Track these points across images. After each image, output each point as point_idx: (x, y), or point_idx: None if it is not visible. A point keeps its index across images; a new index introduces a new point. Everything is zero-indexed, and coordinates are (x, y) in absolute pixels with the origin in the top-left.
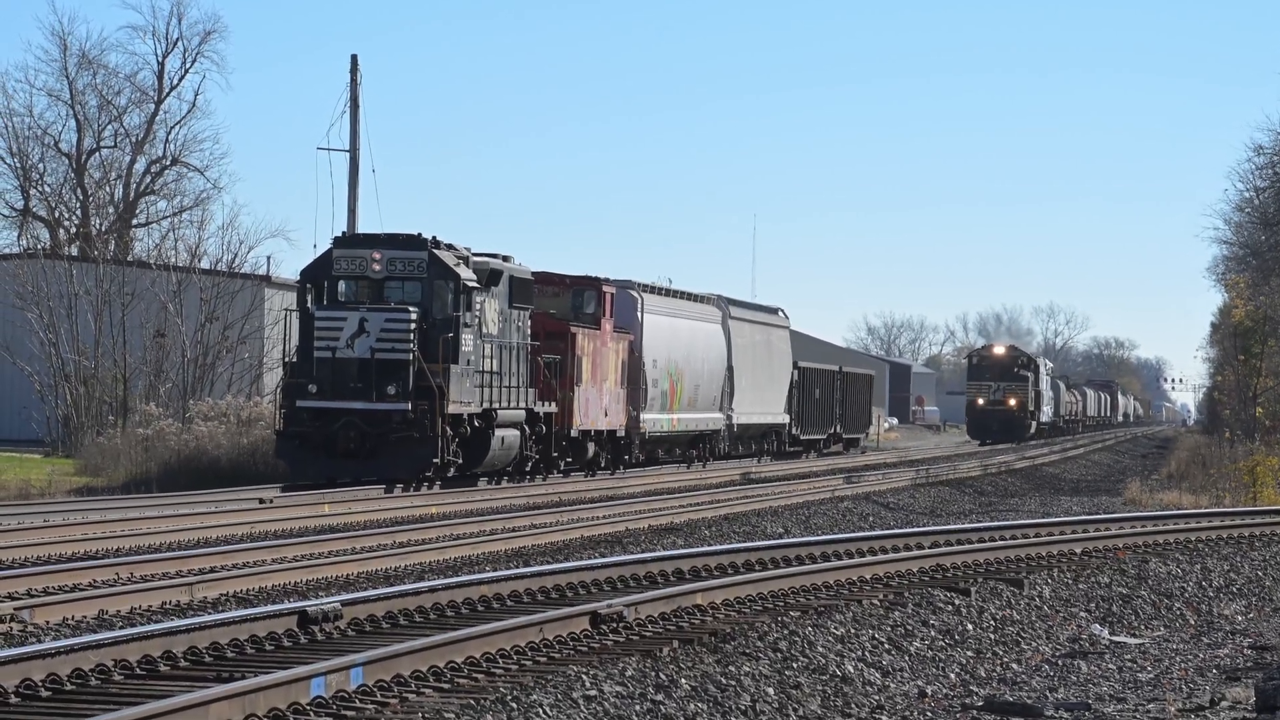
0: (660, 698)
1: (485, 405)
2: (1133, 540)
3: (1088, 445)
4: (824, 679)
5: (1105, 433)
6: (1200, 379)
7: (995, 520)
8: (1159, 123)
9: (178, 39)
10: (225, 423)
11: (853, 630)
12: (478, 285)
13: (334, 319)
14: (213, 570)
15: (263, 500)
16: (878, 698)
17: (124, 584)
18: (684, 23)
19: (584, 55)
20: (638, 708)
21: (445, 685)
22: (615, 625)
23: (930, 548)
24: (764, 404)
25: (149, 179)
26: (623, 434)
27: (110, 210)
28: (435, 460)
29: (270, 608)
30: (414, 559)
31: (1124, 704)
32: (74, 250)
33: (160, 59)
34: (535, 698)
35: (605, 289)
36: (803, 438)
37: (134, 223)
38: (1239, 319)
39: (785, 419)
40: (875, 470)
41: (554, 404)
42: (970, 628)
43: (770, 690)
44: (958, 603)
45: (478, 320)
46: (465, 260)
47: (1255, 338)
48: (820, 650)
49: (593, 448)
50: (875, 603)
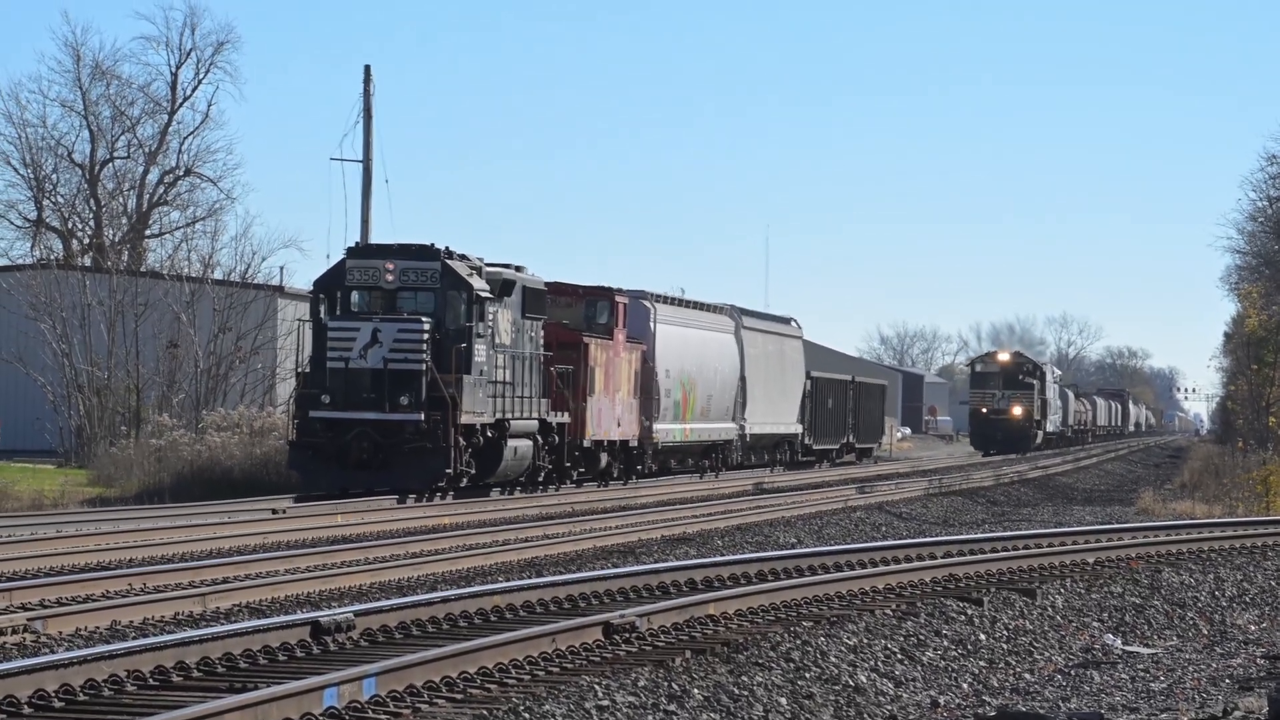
0: (673, 708)
1: (498, 415)
2: (1145, 550)
3: (1100, 455)
4: (837, 689)
5: (1118, 443)
6: (1213, 388)
7: (1008, 530)
8: (1172, 132)
9: (191, 50)
10: (238, 433)
11: (865, 640)
12: (490, 295)
13: (347, 329)
14: (225, 581)
15: (276, 511)
16: (890, 708)
17: (137, 594)
18: (698, 33)
19: (597, 65)
20: (650, 718)
21: (458, 695)
22: (628, 635)
23: (943, 558)
24: (777, 414)
25: (162, 189)
26: (635, 444)
27: (123, 221)
28: (448, 471)
29: (283, 618)
30: (427, 569)
31: (1137, 714)
32: (87, 261)
33: (173, 69)
34: (548, 708)
35: (618, 299)
36: (815, 448)
37: (147, 233)
38: (1252, 328)
39: (798, 429)
40: (888, 480)
41: (567, 414)
42: (983, 638)
43: (783, 700)
44: (970, 613)
45: (490, 330)
46: (478, 270)
47: (1268, 347)
48: (833, 660)
49: (605, 458)
50: (888, 613)
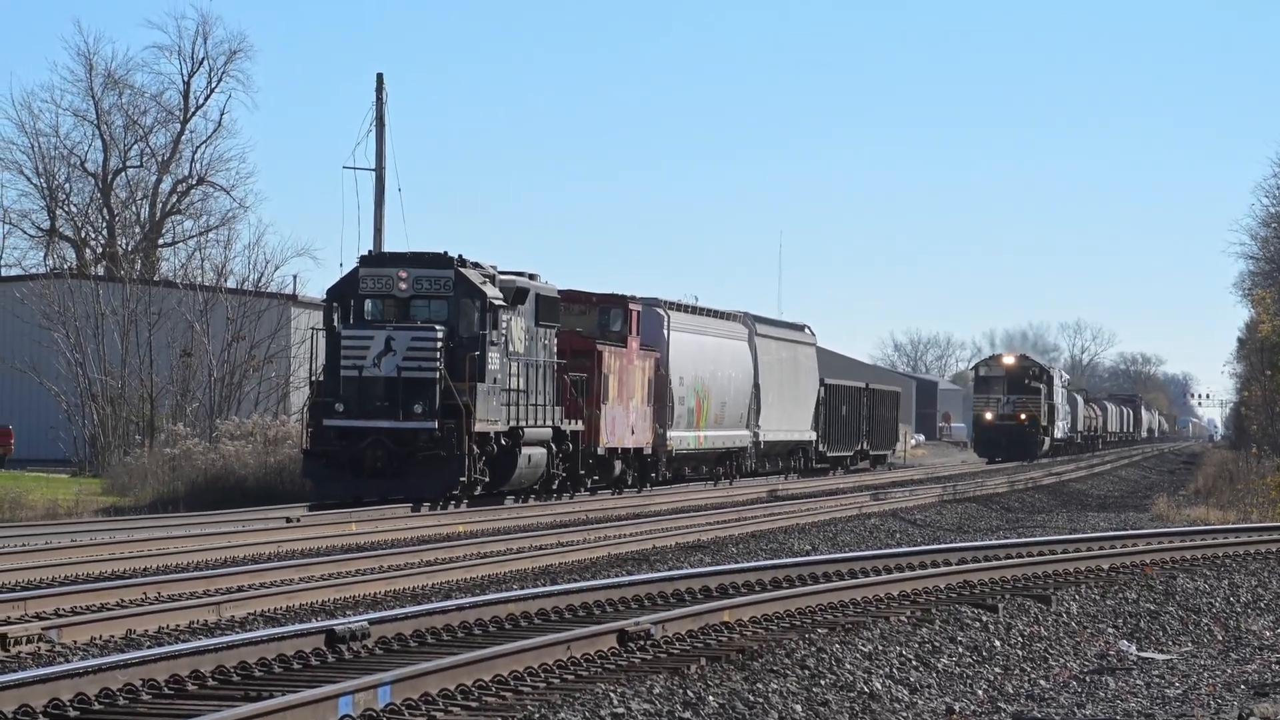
0: (688, 715)
1: (512, 423)
2: (1160, 556)
3: (1114, 461)
4: (852, 696)
5: (1131, 449)
6: (1227, 394)
7: (1022, 537)
8: (1185, 139)
9: (203, 59)
10: (252, 442)
11: (880, 647)
12: (504, 303)
13: (360, 338)
14: (240, 589)
15: (290, 519)
16: (906, 714)
17: (151, 603)
18: (711, 42)
19: (611, 73)
20: None
21: (473, 704)
22: (643, 643)
23: (958, 564)
24: (790, 421)
25: (175, 198)
26: (649, 451)
27: (136, 230)
28: (462, 479)
29: (298, 627)
30: (441, 577)
31: None
32: (100, 270)
33: (186, 79)
34: (563, 716)
35: (632, 307)
36: (830, 455)
37: (160, 242)
38: (1266, 334)
39: (812, 436)
40: (902, 487)
41: (580, 422)
42: (998, 644)
43: (798, 708)
44: (985, 619)
45: (504, 338)
46: (491, 278)
47: None
48: (848, 667)
49: (619, 465)
50: (903, 619)
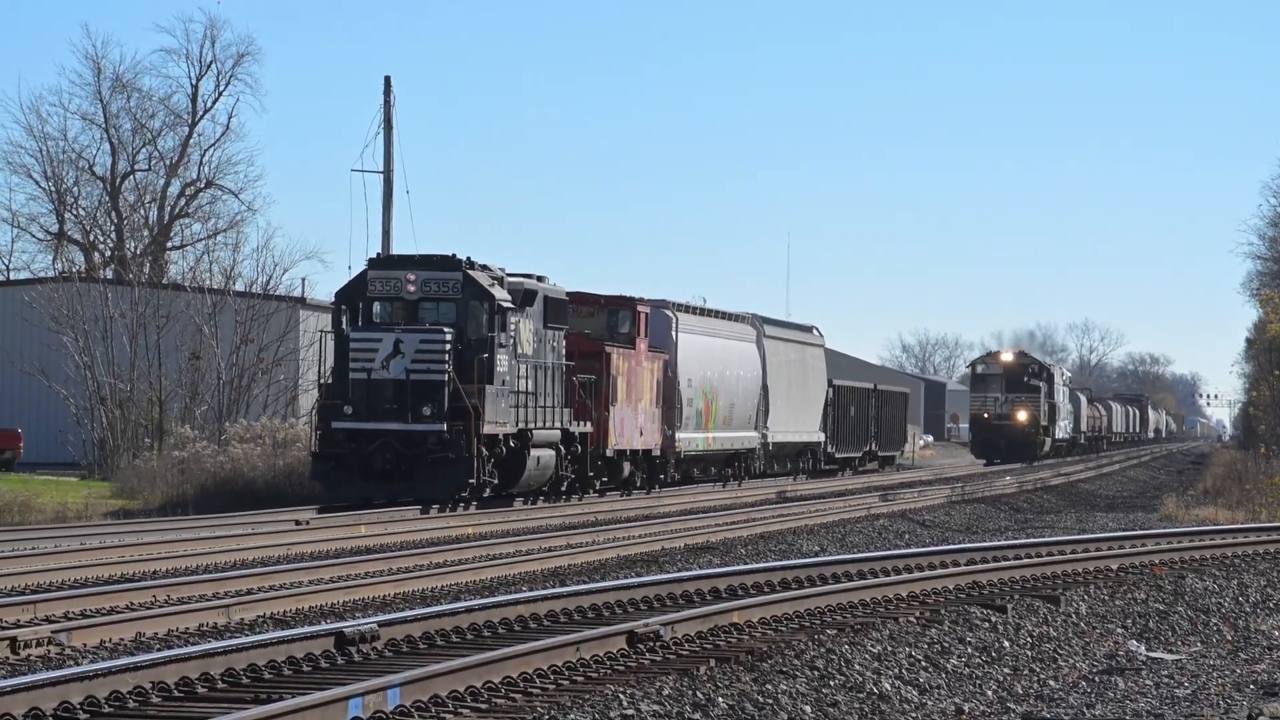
0: (697, 717)
1: (520, 425)
2: (1169, 556)
3: (1122, 461)
4: (861, 697)
5: (1139, 450)
6: (1236, 394)
7: (1031, 537)
8: (1192, 139)
9: (211, 62)
10: (261, 445)
11: (890, 648)
12: (512, 305)
13: (369, 340)
14: (249, 592)
15: (299, 522)
16: (915, 715)
17: (161, 606)
18: (718, 43)
19: (619, 75)
20: None
21: (483, 705)
22: (652, 644)
23: (966, 565)
24: (799, 422)
25: (183, 202)
26: (658, 453)
27: (145, 233)
28: (471, 481)
29: (307, 629)
30: (450, 579)
31: None
32: (109, 273)
33: (194, 82)
34: (573, 717)
35: (640, 308)
36: (838, 456)
37: (169, 245)
38: (1274, 334)
39: (820, 437)
40: (911, 488)
41: (589, 424)
42: (1007, 645)
43: (808, 709)
44: (994, 620)
45: (512, 340)
46: (500, 281)
47: None
48: (857, 668)
49: (628, 467)
50: (912, 620)
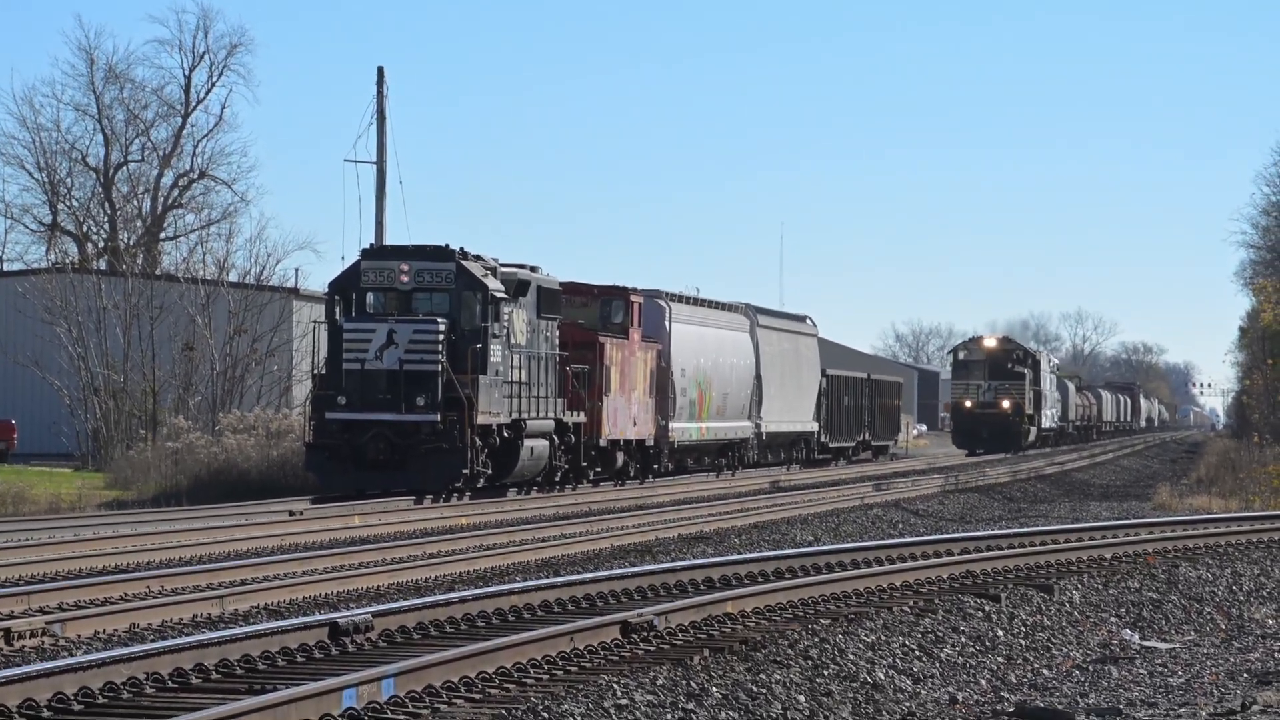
0: (691, 706)
1: (514, 416)
2: (1162, 545)
3: (1115, 451)
4: (855, 686)
5: (1131, 439)
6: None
7: (1025, 526)
8: (1186, 129)
9: (204, 53)
10: (254, 435)
11: (883, 637)
12: (505, 296)
13: (362, 331)
14: (243, 583)
15: (293, 512)
16: (909, 704)
17: (155, 597)
18: (713, 35)
19: (612, 65)
20: (669, 716)
21: (477, 695)
22: (646, 634)
23: (960, 554)
24: (792, 412)
25: (176, 193)
26: (651, 443)
27: (138, 224)
28: (464, 471)
29: (301, 619)
30: (444, 570)
31: (1155, 709)
32: (102, 264)
33: (187, 73)
34: (566, 707)
35: (633, 298)
36: (832, 445)
37: (162, 236)
38: (1267, 322)
39: (814, 427)
40: (904, 477)
41: (583, 414)
42: (1001, 634)
43: (801, 698)
44: (988, 609)
45: (506, 331)
46: (493, 271)
47: None
48: (851, 658)
49: (621, 457)
50: (906, 610)
